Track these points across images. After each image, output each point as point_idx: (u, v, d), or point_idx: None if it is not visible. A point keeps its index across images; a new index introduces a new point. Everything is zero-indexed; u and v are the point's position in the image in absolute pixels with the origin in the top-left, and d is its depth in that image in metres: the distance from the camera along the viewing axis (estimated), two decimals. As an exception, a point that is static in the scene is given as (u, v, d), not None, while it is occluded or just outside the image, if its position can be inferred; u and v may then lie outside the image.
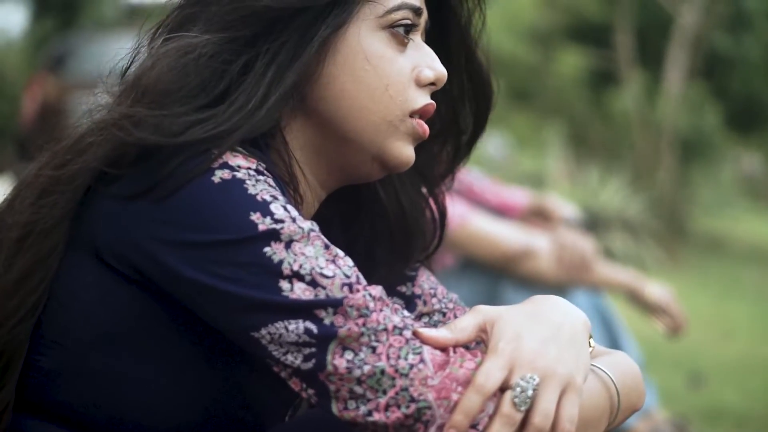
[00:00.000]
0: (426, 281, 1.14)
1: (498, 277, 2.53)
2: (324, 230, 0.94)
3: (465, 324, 0.92)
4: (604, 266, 2.60)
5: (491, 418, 0.87)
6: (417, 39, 1.03)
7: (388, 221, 1.11)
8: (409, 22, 1.00)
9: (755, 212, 17.82)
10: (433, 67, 1.02)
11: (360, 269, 0.92)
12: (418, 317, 1.12)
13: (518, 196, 2.90)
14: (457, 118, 1.11)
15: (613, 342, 2.70)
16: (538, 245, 2.50)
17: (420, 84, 1.02)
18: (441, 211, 1.14)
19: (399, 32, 1.00)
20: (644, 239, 9.12)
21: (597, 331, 2.70)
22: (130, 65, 1.02)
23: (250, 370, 0.97)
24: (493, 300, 2.53)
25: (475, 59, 1.10)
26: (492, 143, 11.84)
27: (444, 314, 1.12)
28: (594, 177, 9.56)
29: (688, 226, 11.87)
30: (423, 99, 1.02)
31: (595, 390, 0.95)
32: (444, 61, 1.04)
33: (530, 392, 0.87)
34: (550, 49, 10.34)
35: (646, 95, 9.83)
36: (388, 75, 0.99)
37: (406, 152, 1.02)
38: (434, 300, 1.13)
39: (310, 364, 0.89)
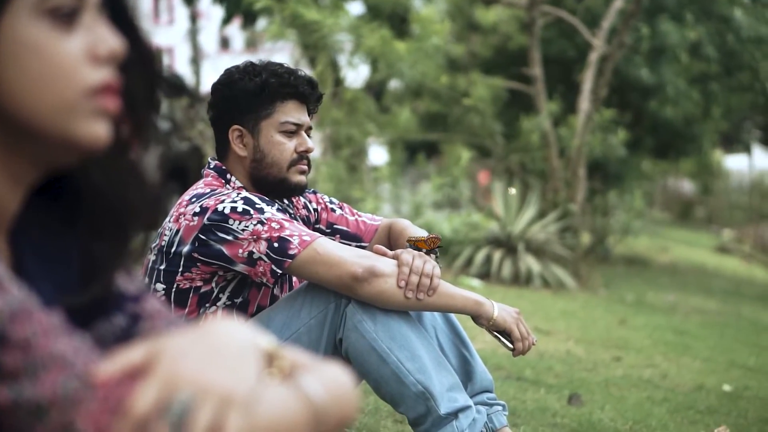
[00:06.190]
0: (155, 303, 1.14)
1: (343, 299, 2.54)
2: (46, 235, 0.93)
3: (134, 352, 0.92)
4: (449, 289, 2.58)
5: None
6: (89, 18, 1.01)
7: (106, 209, 1.09)
8: (71, 5, 0.99)
9: (684, 233, 18.12)
10: (108, 41, 1.01)
11: (83, 270, 0.90)
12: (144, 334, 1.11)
13: (373, 220, 2.96)
14: (129, 91, 1.07)
15: (464, 361, 2.76)
16: (382, 267, 2.49)
17: (97, 61, 1.00)
18: (149, 188, 1.11)
19: (60, 17, 0.98)
20: (557, 263, 9.25)
21: (449, 350, 2.75)
22: None
23: None
24: (339, 323, 2.56)
25: (136, 28, 1.08)
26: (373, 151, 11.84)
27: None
28: (510, 201, 9.68)
29: (603, 249, 12.08)
30: (101, 75, 1.00)
31: (287, 403, 0.96)
32: None
33: (181, 413, 0.85)
34: (467, 77, 10.47)
35: (561, 122, 10.00)
36: (52, 60, 0.98)
37: (95, 133, 1.00)
38: (160, 321, 1.13)
39: None
